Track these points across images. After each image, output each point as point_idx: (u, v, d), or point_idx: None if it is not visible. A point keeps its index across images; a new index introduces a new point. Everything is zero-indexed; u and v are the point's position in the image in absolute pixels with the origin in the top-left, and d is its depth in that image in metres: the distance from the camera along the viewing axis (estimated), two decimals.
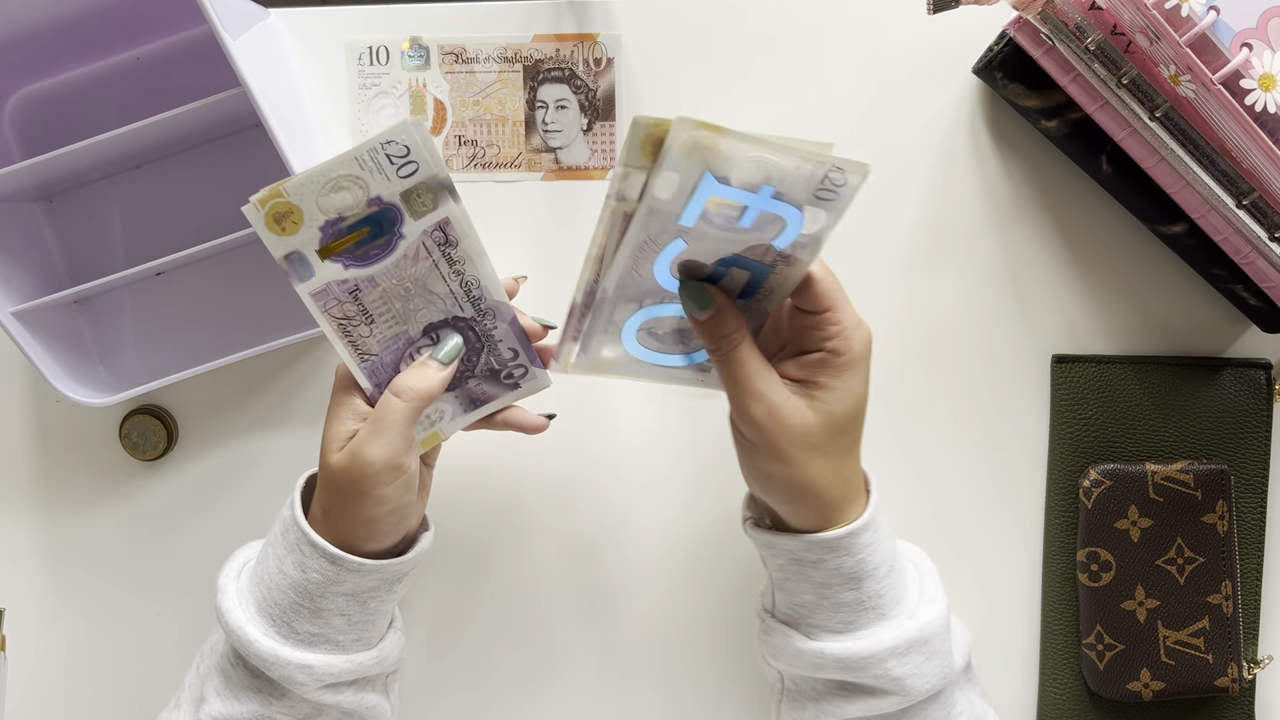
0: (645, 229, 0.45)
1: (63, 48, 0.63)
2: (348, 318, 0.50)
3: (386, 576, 0.55)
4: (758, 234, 0.46)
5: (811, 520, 0.52)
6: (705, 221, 0.45)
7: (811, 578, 0.53)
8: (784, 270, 0.49)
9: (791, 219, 0.46)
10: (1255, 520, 0.65)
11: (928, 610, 0.54)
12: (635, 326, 0.51)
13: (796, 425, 0.50)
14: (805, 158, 0.43)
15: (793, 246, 0.48)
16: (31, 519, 0.68)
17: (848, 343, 0.50)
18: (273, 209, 0.44)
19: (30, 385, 0.67)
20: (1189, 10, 0.52)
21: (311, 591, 0.53)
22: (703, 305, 0.49)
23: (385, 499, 0.52)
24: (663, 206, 0.44)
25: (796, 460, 0.50)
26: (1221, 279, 0.63)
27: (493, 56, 0.66)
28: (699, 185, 0.43)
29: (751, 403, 0.49)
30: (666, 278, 0.49)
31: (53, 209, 0.67)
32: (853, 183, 0.45)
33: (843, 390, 0.50)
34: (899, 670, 0.52)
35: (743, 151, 0.42)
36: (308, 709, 0.55)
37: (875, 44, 0.65)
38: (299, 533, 0.53)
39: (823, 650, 0.53)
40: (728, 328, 0.49)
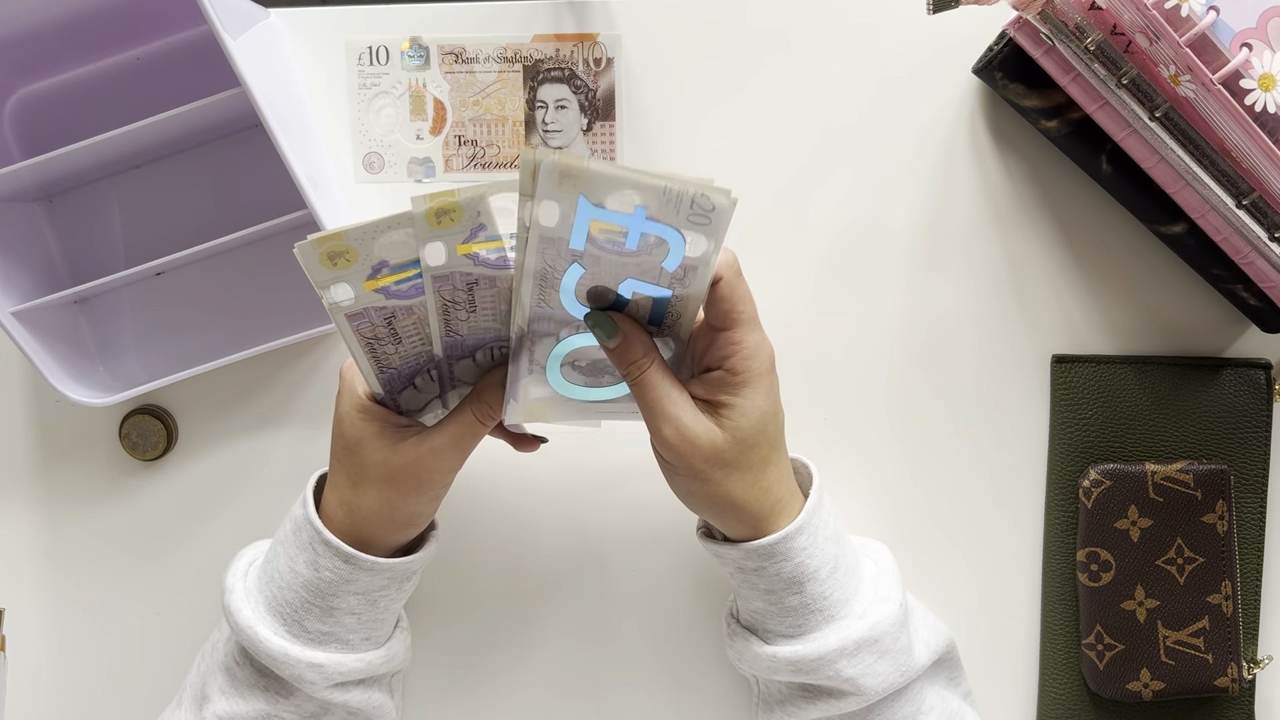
0: (541, 257, 0.47)
1: (63, 48, 0.63)
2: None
3: (398, 575, 0.55)
4: (646, 256, 0.48)
5: (742, 532, 0.54)
6: (594, 245, 0.47)
7: (757, 585, 0.54)
8: (682, 293, 0.50)
9: (674, 241, 0.47)
10: (1255, 520, 0.65)
11: (879, 610, 0.54)
12: (558, 361, 0.52)
13: (705, 444, 0.51)
14: (670, 183, 0.45)
15: (682, 268, 0.49)
16: (31, 519, 0.68)
17: (745, 361, 0.51)
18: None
19: (30, 385, 0.67)
20: (1189, 10, 0.52)
21: (324, 590, 0.53)
22: (609, 332, 0.50)
23: (438, 497, 0.55)
24: (550, 233, 0.46)
25: (712, 478, 0.51)
26: (1221, 279, 0.63)
27: (493, 56, 0.66)
28: (578, 209, 0.45)
29: (662, 424, 0.51)
30: (575, 306, 0.50)
31: (53, 209, 0.67)
32: (722, 206, 0.46)
33: (745, 407, 0.51)
34: (850, 670, 0.53)
35: (610, 179, 0.45)
36: (314, 707, 0.55)
37: (875, 44, 0.65)
38: (312, 531, 0.53)
39: (775, 654, 0.54)
40: (635, 353, 0.50)
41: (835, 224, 0.65)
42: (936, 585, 0.66)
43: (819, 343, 0.66)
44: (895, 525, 0.66)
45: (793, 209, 0.66)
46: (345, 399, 0.54)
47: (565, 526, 0.67)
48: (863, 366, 0.66)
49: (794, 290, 0.66)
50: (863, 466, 0.66)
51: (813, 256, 0.66)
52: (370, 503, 0.53)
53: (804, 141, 0.65)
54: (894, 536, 0.65)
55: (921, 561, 0.66)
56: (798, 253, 0.66)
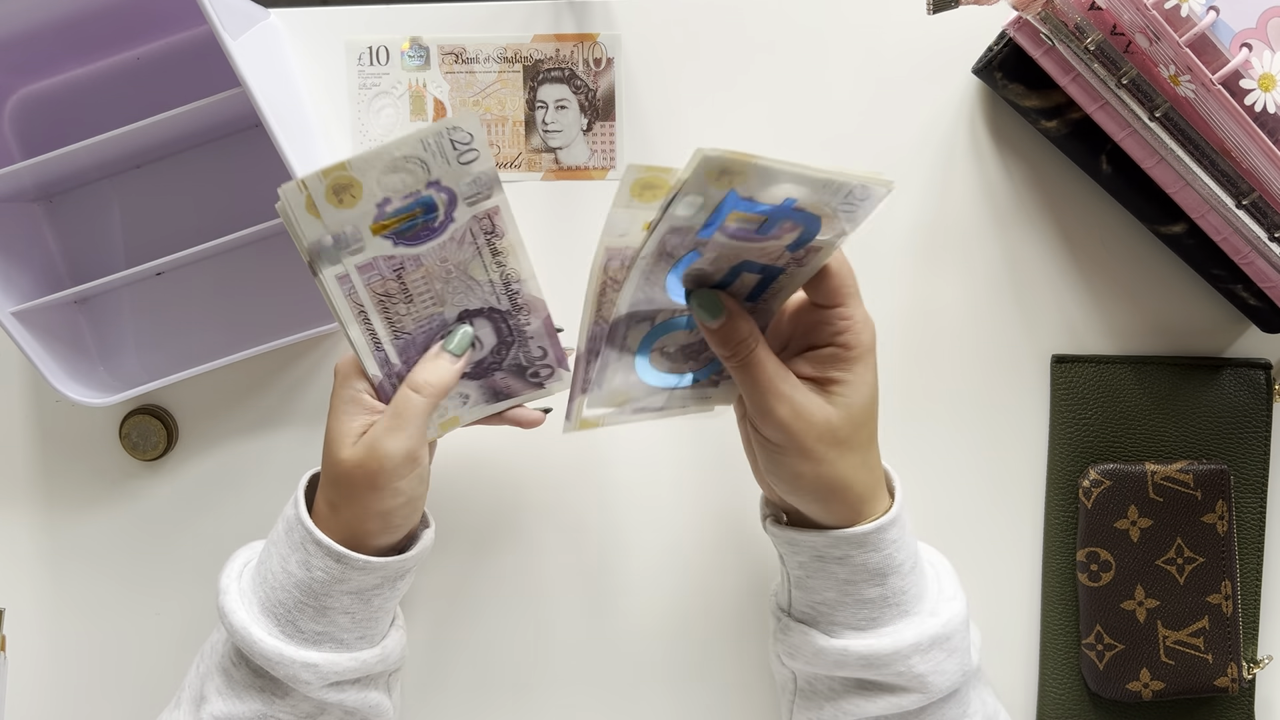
0: (662, 244, 0.44)
1: (63, 48, 0.63)
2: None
3: (390, 573, 0.55)
4: (774, 241, 0.46)
5: (841, 515, 0.52)
6: (723, 234, 0.45)
7: (835, 574, 0.53)
8: (795, 270, 0.49)
9: (810, 225, 0.46)
10: (1255, 520, 0.65)
11: (949, 607, 0.54)
12: (649, 346, 0.51)
13: (820, 422, 0.50)
14: (835, 176, 0.43)
15: (804, 250, 0.47)
16: (32, 519, 0.68)
17: (858, 336, 0.50)
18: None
19: (30, 385, 0.67)
20: (1189, 10, 0.52)
21: (316, 590, 0.53)
22: (715, 313, 0.49)
23: (400, 491, 0.53)
24: (682, 223, 0.43)
25: (825, 457, 0.50)
26: (1221, 279, 0.63)
27: (493, 56, 0.66)
28: (722, 204, 0.43)
29: (776, 404, 0.49)
30: (677, 289, 0.48)
31: (53, 209, 0.67)
32: (876, 195, 0.45)
33: (858, 383, 0.50)
34: (922, 667, 0.52)
35: (773, 174, 0.42)
36: (310, 708, 0.55)
37: (875, 44, 0.65)
38: (304, 531, 0.53)
39: (846, 648, 0.53)
40: (741, 333, 0.49)
41: None
42: None
43: None
44: None
45: None
46: (337, 392, 0.53)
47: (567, 523, 0.67)
48: None
49: None
50: None
51: None
52: (345, 502, 0.53)
53: (804, 141, 0.65)
54: None
55: None
56: None
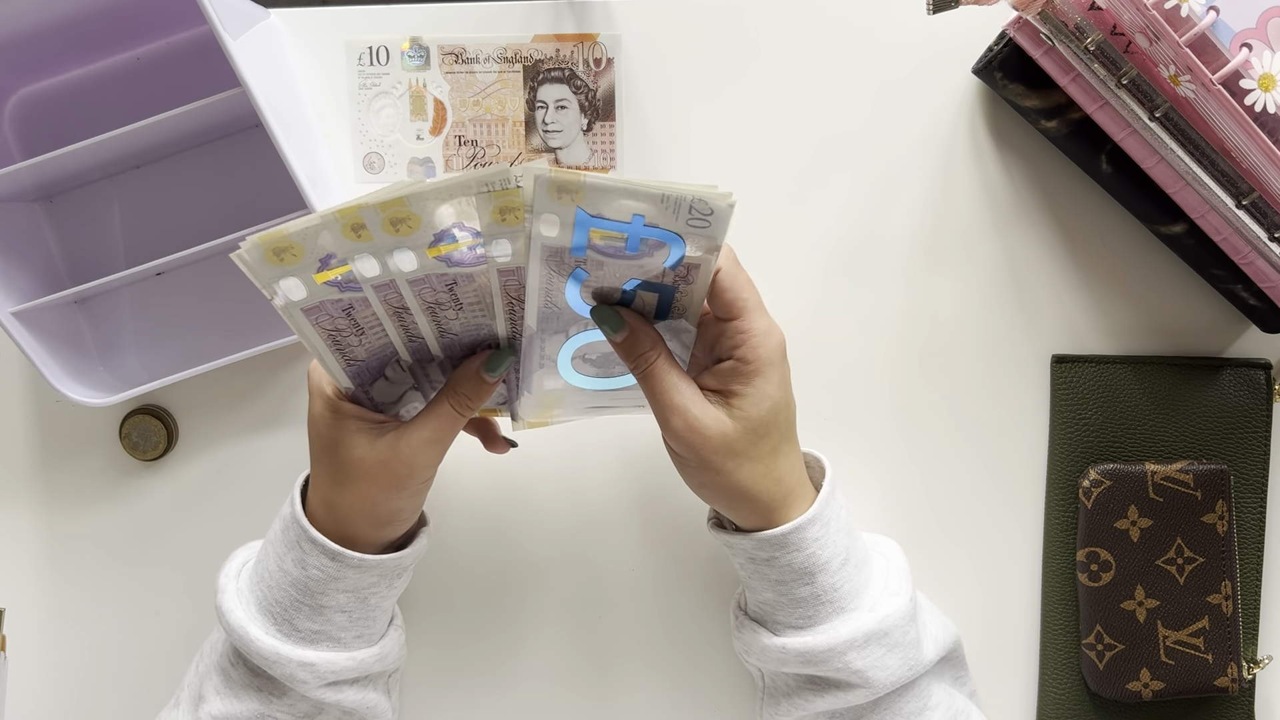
0: (546, 265, 0.47)
1: (63, 48, 0.63)
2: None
3: (386, 572, 0.55)
4: (648, 258, 0.48)
5: (754, 521, 0.54)
6: (596, 251, 0.47)
7: (768, 575, 0.55)
8: (686, 287, 0.50)
9: (673, 244, 0.47)
10: (1255, 520, 0.65)
11: (889, 603, 0.55)
12: (569, 355, 0.53)
13: (715, 434, 0.51)
14: (667, 190, 0.45)
15: (684, 266, 0.49)
16: (32, 519, 0.68)
17: (755, 350, 0.51)
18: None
19: (30, 385, 0.67)
20: (1189, 10, 0.52)
21: (312, 589, 0.53)
22: (616, 327, 0.50)
23: (419, 492, 0.54)
24: (553, 243, 0.46)
25: (723, 468, 0.51)
26: (1221, 279, 0.63)
27: (493, 56, 0.66)
28: (576, 220, 0.46)
29: (670, 416, 0.51)
30: (581, 306, 0.51)
31: (53, 209, 0.67)
32: (720, 209, 0.46)
33: (756, 396, 0.51)
34: (859, 663, 0.53)
35: (605, 191, 0.45)
36: (308, 707, 0.55)
37: (875, 44, 0.65)
38: (299, 530, 0.53)
39: (785, 645, 0.55)
40: (642, 346, 0.51)
41: (835, 224, 0.65)
42: (937, 585, 0.66)
43: (819, 343, 0.66)
44: (895, 525, 0.66)
45: (793, 209, 0.66)
46: (315, 400, 0.53)
47: (563, 522, 0.67)
48: (863, 367, 0.66)
49: (794, 290, 0.66)
50: (863, 466, 0.66)
51: (813, 257, 0.66)
52: (351, 501, 0.53)
53: (804, 141, 0.65)
54: (894, 536, 0.65)
55: (922, 561, 0.66)
56: (798, 253, 0.66)
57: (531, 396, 0.53)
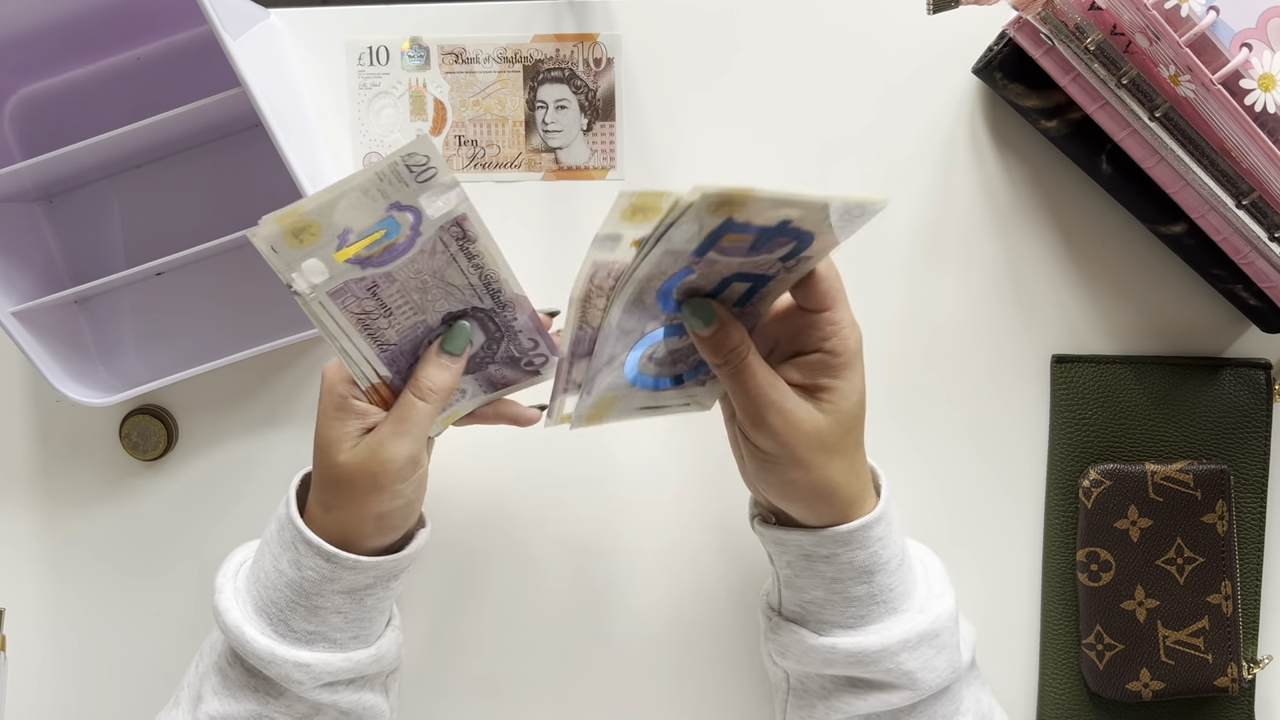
0: (657, 265, 0.44)
1: (63, 48, 0.63)
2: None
3: (383, 573, 0.55)
4: (767, 255, 0.46)
5: (829, 518, 0.52)
6: (717, 252, 0.45)
7: (822, 573, 0.53)
8: (784, 276, 0.49)
9: (802, 239, 0.46)
10: (1255, 520, 0.65)
11: (937, 604, 0.54)
12: (638, 355, 0.51)
13: (810, 430, 0.50)
14: (829, 199, 0.43)
15: (798, 259, 0.48)
16: (32, 519, 0.68)
17: (844, 342, 0.50)
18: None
19: (30, 385, 0.67)
20: (1189, 10, 0.52)
21: (307, 590, 0.53)
22: (707, 321, 0.49)
23: (401, 494, 0.53)
24: (677, 246, 0.44)
25: (815, 463, 0.50)
26: (1221, 279, 0.63)
27: (493, 56, 0.66)
28: (718, 228, 0.43)
29: (767, 413, 0.49)
30: (667, 303, 0.48)
31: (53, 209, 0.67)
32: (870, 210, 0.45)
33: (846, 389, 0.50)
34: (910, 664, 0.53)
35: (773, 203, 0.42)
36: (305, 708, 0.55)
37: (875, 44, 0.65)
38: (294, 531, 0.53)
39: (834, 645, 0.53)
40: (733, 341, 0.49)
41: None
42: None
43: None
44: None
45: None
46: (324, 398, 0.53)
47: (564, 524, 0.67)
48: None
49: None
50: None
51: None
52: (340, 503, 0.53)
53: (804, 140, 0.65)
54: None
55: None
56: None
57: (590, 397, 0.51)
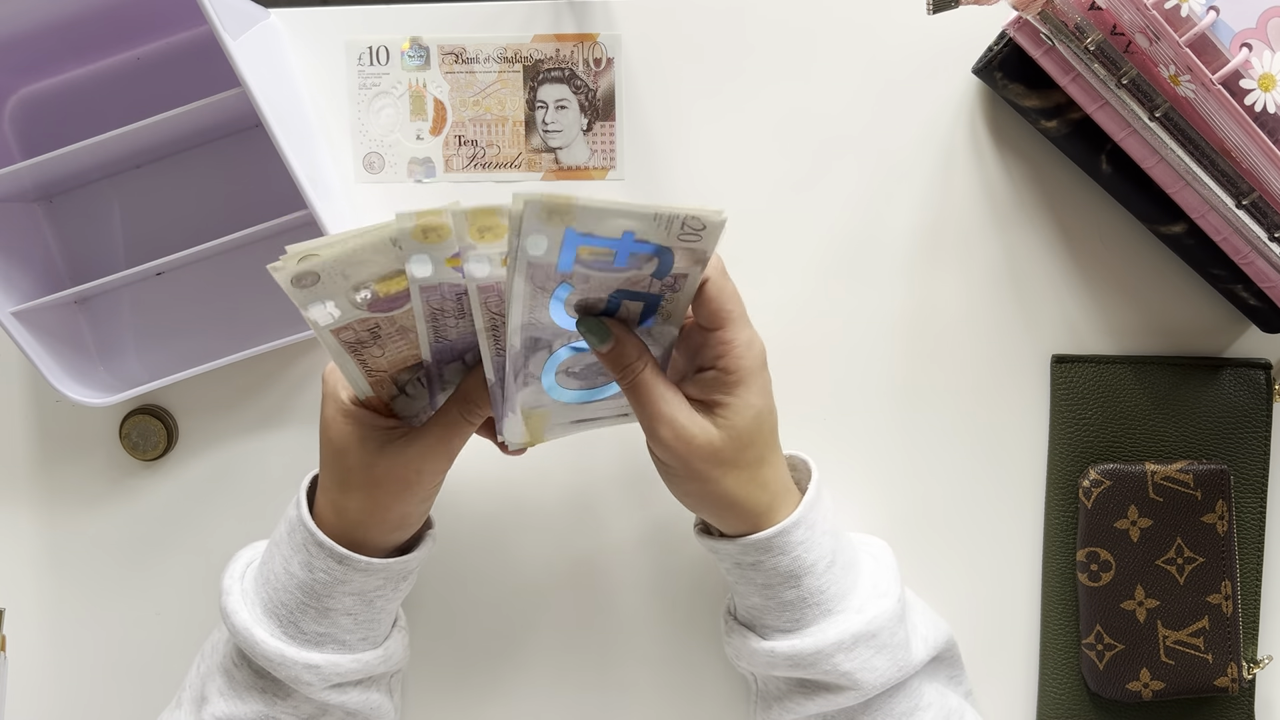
0: (530, 281, 0.46)
1: (63, 48, 0.63)
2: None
3: (393, 575, 0.55)
4: (635, 271, 0.47)
5: (740, 527, 0.54)
6: (583, 266, 0.46)
7: (754, 580, 0.55)
8: (672, 295, 0.50)
9: (663, 256, 0.47)
10: (1255, 520, 0.65)
11: (876, 605, 0.55)
12: (553, 370, 0.52)
13: (702, 444, 0.51)
14: (660, 209, 0.45)
15: (672, 277, 0.48)
16: (32, 519, 0.68)
17: (737, 360, 0.51)
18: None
19: (30, 385, 0.67)
20: (1189, 10, 0.52)
21: (318, 591, 0.53)
22: (602, 338, 0.50)
23: (426, 498, 0.54)
24: (539, 260, 0.45)
25: (710, 476, 0.52)
26: (1221, 279, 0.63)
27: (493, 56, 0.66)
28: (565, 240, 0.45)
29: (658, 425, 0.51)
30: (565, 319, 0.50)
31: (53, 209, 0.67)
32: (713, 223, 0.46)
33: (739, 405, 0.51)
34: (847, 665, 0.54)
35: (598, 213, 0.44)
36: (312, 709, 0.55)
37: (875, 44, 0.65)
38: (306, 533, 0.53)
39: (773, 649, 0.55)
40: (629, 356, 0.50)
41: (835, 224, 0.66)
42: (936, 585, 0.66)
43: (819, 342, 0.66)
44: (895, 525, 0.66)
45: (793, 208, 0.66)
46: (328, 403, 0.53)
47: (564, 526, 0.67)
48: (863, 366, 0.66)
49: (794, 290, 0.66)
50: (863, 466, 0.66)
51: (813, 256, 0.66)
52: (359, 505, 0.53)
53: (804, 141, 0.65)
54: (894, 536, 0.65)
55: (921, 561, 0.66)
56: (798, 252, 0.66)
57: (515, 416, 0.53)
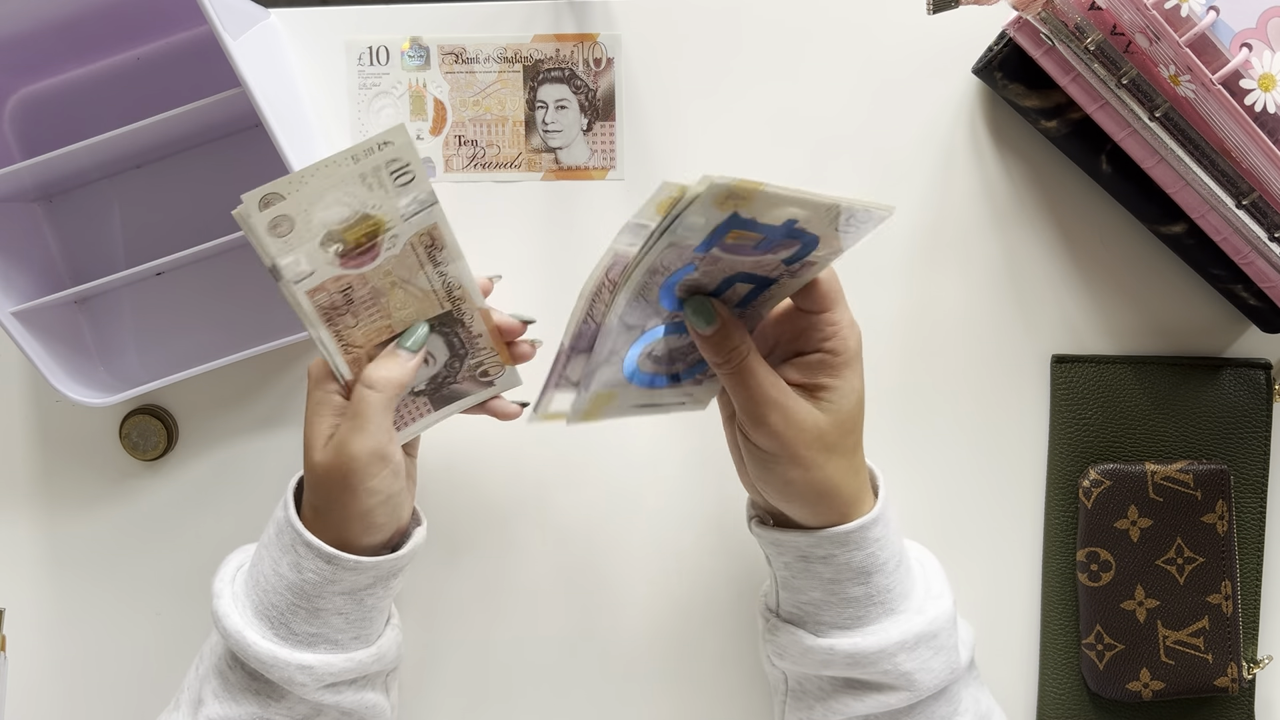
0: (660, 259, 0.44)
1: (63, 48, 0.63)
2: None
3: (382, 573, 0.55)
4: (771, 256, 0.46)
5: (828, 518, 0.52)
6: (721, 249, 0.45)
7: (820, 574, 0.53)
8: (787, 280, 0.49)
9: (808, 242, 0.46)
10: (1255, 520, 0.65)
11: (935, 605, 0.54)
12: (636, 352, 0.51)
13: (811, 428, 0.50)
14: (835, 203, 0.43)
15: (802, 264, 0.48)
16: (32, 519, 0.68)
17: (844, 342, 0.51)
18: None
19: (30, 385, 0.67)
20: (1189, 10, 0.52)
21: (308, 592, 0.53)
22: (709, 320, 0.49)
23: (375, 490, 0.52)
24: (682, 240, 0.43)
25: (815, 462, 0.50)
26: (1221, 279, 0.63)
27: (493, 56, 0.66)
28: (723, 224, 0.43)
29: (768, 412, 0.49)
30: (669, 298, 0.48)
31: (53, 209, 0.67)
32: (877, 217, 0.45)
33: (845, 388, 0.51)
34: (908, 665, 0.53)
35: (780, 200, 0.42)
36: (307, 709, 0.55)
37: (875, 44, 0.65)
38: (293, 534, 0.53)
39: (832, 646, 0.53)
40: (733, 341, 0.49)
41: None
42: None
43: None
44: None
45: None
46: (309, 395, 0.53)
47: (555, 521, 0.67)
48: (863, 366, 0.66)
49: None
50: None
51: None
52: (325, 503, 0.53)
53: (804, 141, 0.65)
54: None
55: None
56: None
57: (587, 393, 0.51)
